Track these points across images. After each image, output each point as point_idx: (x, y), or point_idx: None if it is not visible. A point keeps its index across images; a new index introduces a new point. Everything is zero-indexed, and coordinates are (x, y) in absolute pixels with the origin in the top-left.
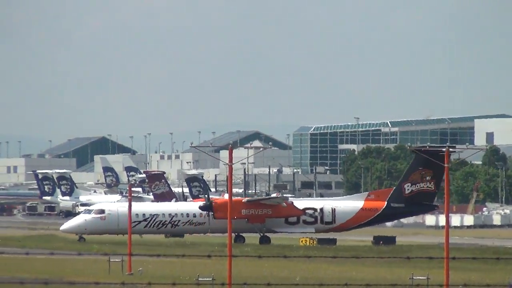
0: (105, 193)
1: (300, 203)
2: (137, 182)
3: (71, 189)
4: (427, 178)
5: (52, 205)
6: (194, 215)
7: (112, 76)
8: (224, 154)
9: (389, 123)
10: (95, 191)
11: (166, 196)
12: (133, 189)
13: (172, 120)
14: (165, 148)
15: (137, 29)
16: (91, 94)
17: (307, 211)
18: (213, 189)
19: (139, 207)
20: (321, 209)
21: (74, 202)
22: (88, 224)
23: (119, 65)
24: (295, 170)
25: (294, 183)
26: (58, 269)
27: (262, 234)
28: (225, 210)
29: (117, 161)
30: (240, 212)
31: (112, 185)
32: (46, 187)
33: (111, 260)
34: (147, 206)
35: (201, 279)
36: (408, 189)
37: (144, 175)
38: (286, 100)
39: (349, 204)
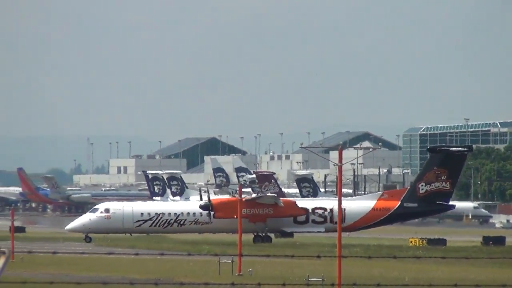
0: (215, 194)
1: (310, 203)
2: (247, 182)
3: (181, 189)
4: (442, 177)
5: None
6: (200, 214)
7: (223, 77)
8: (334, 154)
9: (498, 124)
10: (205, 191)
11: None
12: (243, 189)
13: (282, 121)
14: (275, 148)
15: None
16: (201, 96)
17: (316, 210)
18: (322, 190)
19: (144, 206)
20: (331, 209)
21: None
22: (93, 223)
23: (227, 65)
24: (405, 170)
25: (403, 183)
26: (168, 270)
27: (264, 234)
28: (225, 210)
29: (228, 162)
30: (241, 211)
31: (222, 185)
32: (156, 187)
33: (221, 261)
34: (153, 205)
35: (311, 279)
36: (422, 189)
37: (254, 176)
38: (396, 101)
39: (360, 204)
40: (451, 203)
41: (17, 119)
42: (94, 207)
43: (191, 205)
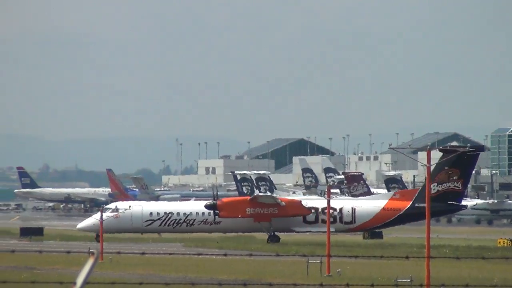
0: (304, 194)
1: (319, 203)
2: (336, 183)
3: (270, 190)
4: (454, 177)
5: None
6: (209, 214)
7: (311, 77)
8: (423, 155)
9: None
10: (294, 192)
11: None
12: (331, 190)
13: (370, 122)
14: (363, 149)
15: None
16: (290, 96)
17: (326, 210)
18: None
19: (154, 206)
20: (340, 209)
21: None
22: (102, 222)
23: (315, 65)
24: (493, 171)
25: (492, 184)
26: (256, 271)
27: (270, 233)
28: (230, 209)
29: (316, 162)
30: (245, 211)
31: (311, 186)
32: (244, 188)
33: (309, 261)
34: (163, 205)
35: (399, 280)
36: (434, 189)
37: (342, 176)
38: (484, 101)
39: (371, 204)
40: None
41: (106, 120)
42: (105, 206)
43: (200, 205)
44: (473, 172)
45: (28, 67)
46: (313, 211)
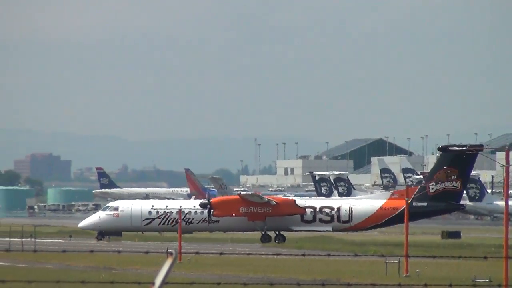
0: None
1: (317, 202)
2: (414, 183)
3: (348, 190)
4: (453, 177)
5: None
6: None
7: (389, 77)
8: (501, 155)
9: None
10: (372, 193)
11: None
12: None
13: (449, 122)
14: None
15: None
16: (368, 96)
17: (323, 209)
18: (489, 190)
19: (153, 205)
20: (338, 208)
21: None
22: (102, 221)
23: (395, 66)
24: None
25: None
26: (335, 271)
27: (263, 232)
28: (223, 208)
29: (394, 163)
30: (239, 210)
31: (389, 186)
32: (323, 188)
33: (387, 261)
34: (162, 204)
35: (477, 280)
36: (432, 188)
37: (421, 177)
38: None
39: (368, 203)
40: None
41: (185, 121)
42: (107, 205)
43: (198, 203)
44: None
45: (107, 69)
46: (311, 210)
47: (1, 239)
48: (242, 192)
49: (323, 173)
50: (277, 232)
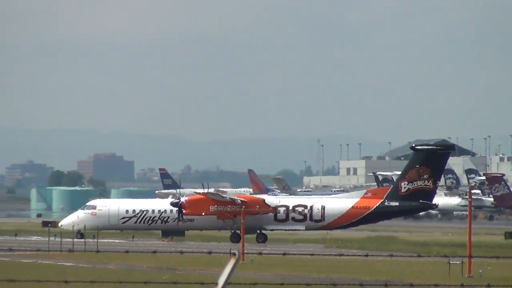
0: (445, 195)
1: (290, 201)
2: (477, 184)
3: None
4: (425, 176)
5: None
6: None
7: (450, 77)
8: None
9: None
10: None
11: (506, 198)
12: (472, 191)
13: None
14: (505, 150)
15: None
16: (431, 97)
17: (296, 208)
18: None
19: (130, 204)
20: (311, 207)
21: None
22: (81, 220)
23: (456, 65)
24: None
25: None
26: (397, 271)
27: (232, 232)
28: (193, 207)
29: (457, 163)
30: (208, 209)
31: (452, 187)
32: None
33: (450, 262)
34: (138, 203)
35: None
36: (404, 187)
37: (483, 177)
38: None
39: (341, 202)
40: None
41: (248, 122)
42: (86, 204)
43: (169, 202)
44: None
45: (169, 70)
46: (284, 209)
47: (65, 240)
48: (210, 191)
49: (386, 173)
50: (258, 231)
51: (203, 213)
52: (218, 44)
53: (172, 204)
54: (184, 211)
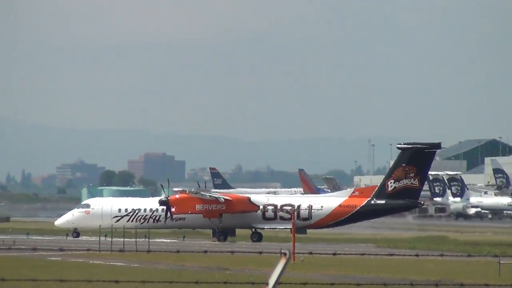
0: (495, 195)
1: (278, 200)
2: None
3: (461, 190)
4: (411, 174)
5: (443, 206)
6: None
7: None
8: None
9: None
10: (485, 192)
11: None
12: None
13: None
14: None
15: None
16: (481, 97)
17: (284, 207)
18: None
19: (122, 203)
20: (298, 206)
21: (465, 204)
22: (75, 219)
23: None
24: None
25: None
26: (448, 271)
27: (218, 229)
28: (181, 205)
29: (508, 163)
30: (195, 207)
31: (502, 186)
32: (436, 188)
33: (501, 262)
34: (131, 202)
35: None
36: (391, 186)
37: None
38: None
39: (328, 201)
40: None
41: (298, 122)
42: (81, 203)
43: (158, 201)
44: None
45: (221, 70)
46: (272, 208)
47: (116, 239)
48: (192, 190)
49: (437, 173)
50: (253, 230)
51: (190, 212)
52: (267, 43)
53: (160, 202)
54: (172, 209)
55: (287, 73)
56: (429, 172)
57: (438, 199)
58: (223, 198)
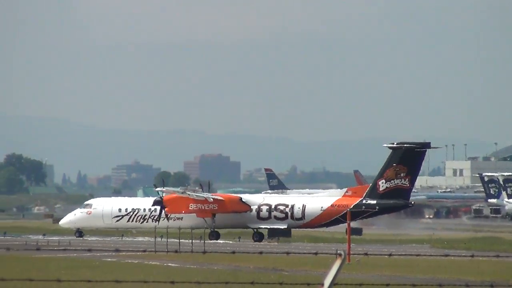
0: None
1: (273, 200)
2: None
3: None
4: (402, 174)
5: (498, 207)
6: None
7: None
8: None
9: None
10: None
11: None
12: None
13: None
14: None
15: None
16: None
17: (278, 207)
18: None
19: (122, 203)
20: (292, 206)
21: None
22: (78, 219)
23: None
24: None
25: None
26: (503, 272)
27: (211, 230)
28: (174, 205)
29: None
30: (188, 207)
31: None
32: (491, 189)
33: None
34: (131, 202)
35: None
36: (382, 186)
37: None
38: None
39: (320, 201)
40: None
41: (353, 123)
42: (84, 203)
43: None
44: None
45: (279, 70)
46: (266, 207)
47: (171, 240)
48: (181, 189)
49: (492, 174)
50: (255, 230)
51: (183, 212)
52: (322, 44)
53: (155, 202)
54: (166, 209)
55: (343, 74)
56: (485, 174)
57: (493, 200)
58: (213, 198)
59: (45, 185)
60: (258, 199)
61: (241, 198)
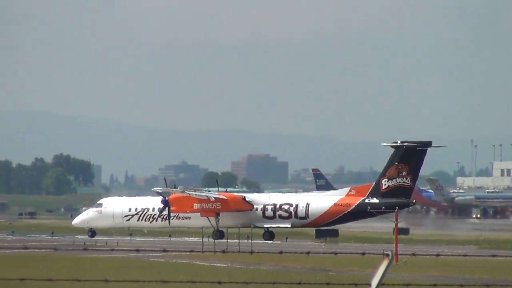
0: None
1: (278, 199)
2: None
3: None
4: (404, 173)
5: None
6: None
7: None
8: None
9: None
10: None
11: None
12: None
13: None
14: None
15: None
16: None
17: (283, 206)
18: None
19: (133, 202)
20: (296, 205)
21: None
22: (89, 218)
23: None
24: None
25: None
26: None
27: (214, 229)
28: (179, 204)
29: None
30: (192, 206)
31: None
32: None
33: None
34: (141, 201)
35: None
36: (385, 185)
37: None
38: None
39: (324, 200)
40: None
41: (401, 123)
42: (96, 202)
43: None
44: None
45: (325, 70)
46: (271, 207)
47: (219, 241)
48: (176, 189)
49: None
50: (265, 229)
51: (188, 211)
52: (368, 43)
53: (162, 201)
54: (171, 208)
55: (391, 73)
56: None
57: None
58: (216, 197)
59: (93, 185)
60: (263, 199)
61: (244, 197)
